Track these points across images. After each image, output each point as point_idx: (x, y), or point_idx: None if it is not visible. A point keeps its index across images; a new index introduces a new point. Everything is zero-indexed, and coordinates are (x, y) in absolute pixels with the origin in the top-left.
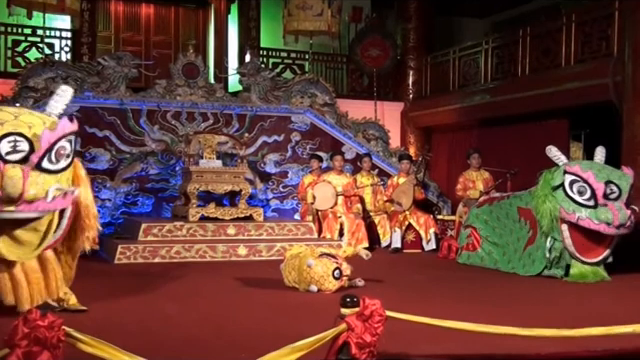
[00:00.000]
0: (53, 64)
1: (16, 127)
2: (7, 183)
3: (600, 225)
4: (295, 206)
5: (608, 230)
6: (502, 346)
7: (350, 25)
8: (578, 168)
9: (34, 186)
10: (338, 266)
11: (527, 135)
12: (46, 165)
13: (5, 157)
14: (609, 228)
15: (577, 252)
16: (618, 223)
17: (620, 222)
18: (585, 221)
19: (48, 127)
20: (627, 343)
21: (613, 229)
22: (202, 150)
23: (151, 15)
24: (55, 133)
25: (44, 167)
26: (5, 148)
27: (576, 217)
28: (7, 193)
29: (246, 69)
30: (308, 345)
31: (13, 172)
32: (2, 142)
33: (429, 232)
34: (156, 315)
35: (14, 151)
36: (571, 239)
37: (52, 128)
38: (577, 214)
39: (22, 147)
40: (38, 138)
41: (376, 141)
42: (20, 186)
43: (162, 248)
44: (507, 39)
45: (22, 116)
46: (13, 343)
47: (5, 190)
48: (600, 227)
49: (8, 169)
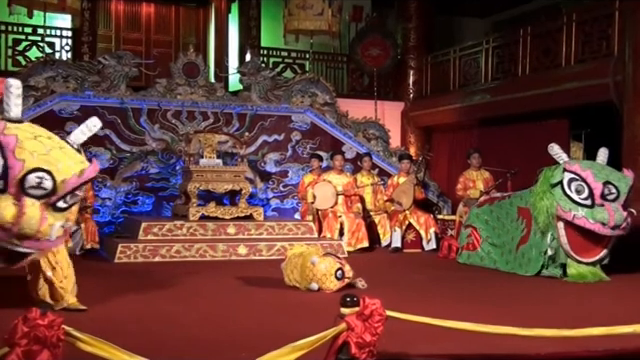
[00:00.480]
0: (54, 63)
1: (47, 164)
2: (25, 222)
3: (595, 225)
4: (295, 205)
5: (603, 230)
6: (502, 346)
7: (350, 24)
8: (577, 167)
9: (47, 229)
10: (341, 267)
11: (527, 135)
12: (60, 205)
13: (27, 190)
14: (604, 228)
15: (572, 251)
16: (613, 224)
17: (615, 223)
18: (581, 220)
19: (77, 174)
20: (627, 343)
21: (608, 230)
22: (202, 149)
23: (152, 14)
24: (80, 180)
25: (58, 206)
26: (31, 182)
27: (572, 215)
28: (22, 232)
29: (246, 68)
30: (308, 344)
31: (33, 212)
32: (30, 176)
33: (429, 232)
34: (156, 314)
35: (38, 187)
36: (567, 238)
37: (80, 175)
38: (573, 212)
39: (46, 185)
40: (64, 183)
41: (376, 141)
42: (37, 228)
43: (162, 247)
44: (507, 39)
45: (53, 152)
46: (13, 342)
47: (21, 228)
48: (595, 227)
49: (28, 206)
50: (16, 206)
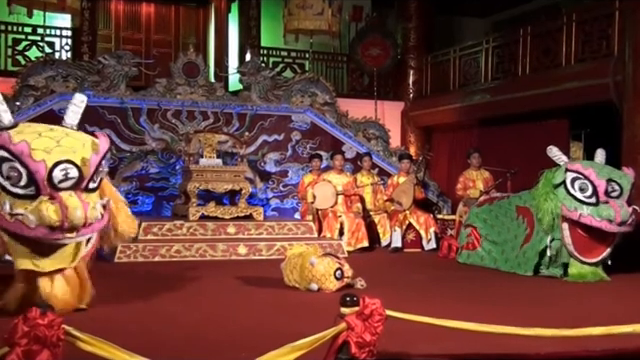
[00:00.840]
0: (53, 63)
1: (64, 154)
2: (71, 215)
3: (602, 222)
4: (295, 205)
5: (610, 227)
6: (502, 346)
7: (350, 24)
8: (579, 166)
9: (92, 211)
10: (340, 267)
11: (527, 135)
12: (91, 186)
13: (59, 185)
14: (611, 225)
15: (576, 251)
16: (620, 220)
17: (622, 219)
18: (587, 218)
19: (92, 150)
20: (627, 343)
21: (615, 226)
22: (202, 149)
23: (151, 14)
24: (99, 155)
25: (90, 188)
26: (59, 176)
27: (578, 214)
28: (74, 224)
29: (246, 68)
30: (308, 344)
31: (74, 202)
32: (55, 171)
33: (429, 231)
34: (156, 314)
35: (66, 179)
36: (571, 238)
37: (96, 150)
38: (579, 211)
39: (72, 174)
40: (86, 163)
41: (376, 140)
42: (83, 215)
43: (162, 247)
44: (507, 38)
45: (63, 140)
46: (13, 341)
47: (71, 221)
48: (602, 224)
49: (67, 199)
50: (56, 204)
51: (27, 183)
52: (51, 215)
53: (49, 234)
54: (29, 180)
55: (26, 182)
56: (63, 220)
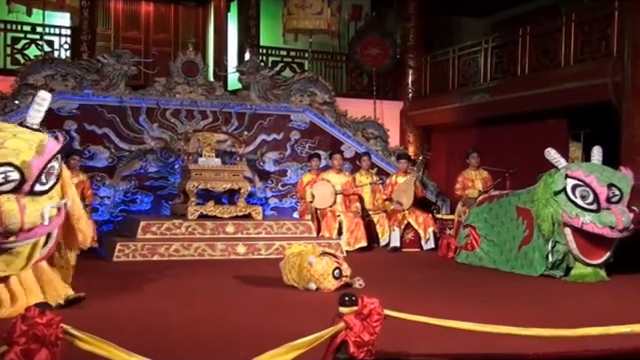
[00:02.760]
0: (52, 61)
1: (4, 157)
2: (6, 219)
3: (604, 229)
4: (294, 205)
5: (611, 234)
6: (501, 346)
7: (350, 24)
8: (581, 172)
9: (31, 216)
10: (338, 266)
11: (526, 135)
12: (38, 188)
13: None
14: (612, 232)
15: (582, 255)
16: (622, 227)
17: (624, 225)
18: (589, 225)
19: (36, 152)
20: (625, 343)
21: (617, 232)
22: (201, 148)
23: (151, 13)
24: (44, 157)
25: (36, 191)
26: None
27: (580, 222)
28: (7, 228)
29: (245, 67)
30: (306, 344)
31: (10, 206)
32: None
33: (428, 231)
34: (154, 313)
35: (5, 182)
36: (575, 243)
37: (40, 152)
38: (581, 219)
39: (13, 177)
40: (28, 166)
41: (375, 140)
42: (19, 219)
43: (161, 246)
44: (507, 38)
45: (7, 142)
46: (11, 340)
47: (6, 226)
48: (604, 231)
49: (4, 203)
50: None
51: None
52: None
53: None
54: None
55: None
56: None
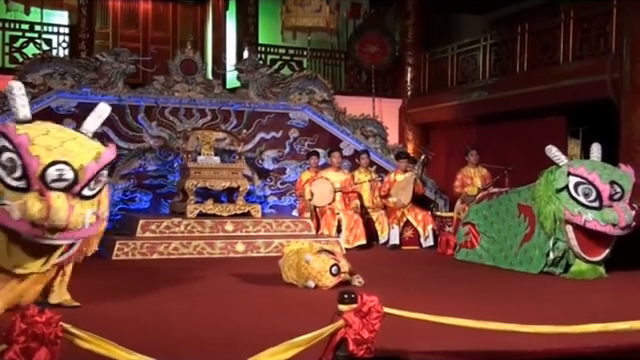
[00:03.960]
0: (51, 60)
1: (63, 155)
2: (53, 215)
3: (606, 227)
4: (293, 203)
5: (614, 231)
6: (500, 343)
7: (348, 21)
8: (583, 170)
9: (76, 217)
10: (336, 262)
11: (525, 132)
12: (86, 193)
13: (50, 184)
14: (615, 229)
15: (582, 252)
16: (624, 224)
17: (626, 223)
18: (592, 223)
19: (94, 158)
20: (624, 340)
21: (619, 230)
22: (200, 146)
23: (149, 11)
24: (98, 165)
25: (84, 194)
26: (52, 175)
27: (583, 220)
28: (53, 224)
29: (244, 65)
30: (306, 341)
31: (59, 203)
32: (50, 169)
33: (427, 228)
34: (154, 312)
35: (59, 179)
36: (576, 240)
37: (97, 159)
38: (583, 216)
39: (67, 176)
40: (84, 170)
41: (374, 138)
42: (66, 219)
43: (160, 244)
44: (505, 36)
45: (67, 143)
46: (11, 339)
47: (51, 222)
48: (606, 229)
49: (54, 199)
50: (42, 201)
51: (20, 175)
52: (34, 211)
53: (30, 230)
54: (22, 173)
55: (20, 174)
56: (45, 219)
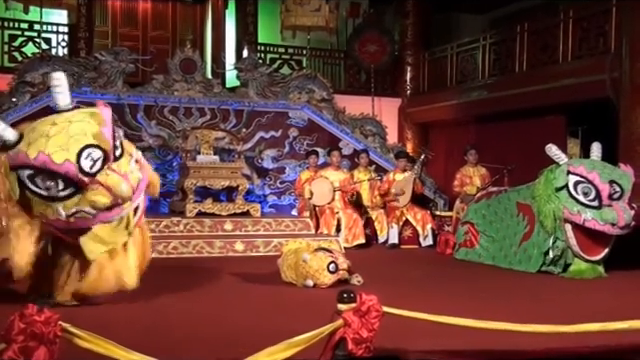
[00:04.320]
0: (50, 59)
1: (78, 142)
2: (118, 191)
3: (605, 226)
4: (292, 202)
5: (613, 231)
6: (499, 342)
7: (348, 21)
8: (583, 169)
9: (132, 175)
10: (333, 260)
11: (524, 131)
12: (117, 153)
13: (91, 171)
14: (613, 229)
15: (581, 251)
16: (624, 224)
17: (625, 222)
18: (591, 222)
19: (98, 124)
20: (623, 339)
21: (618, 229)
22: (199, 145)
23: (148, 10)
24: (108, 125)
25: (117, 156)
26: (87, 165)
27: (582, 219)
28: (124, 197)
29: (244, 65)
30: (305, 341)
31: (114, 180)
32: (81, 162)
33: (426, 228)
34: (153, 311)
35: (94, 162)
36: (575, 239)
37: (101, 122)
38: (582, 215)
39: (96, 155)
40: (103, 138)
41: (373, 137)
42: (129, 186)
43: (159, 244)
44: (505, 35)
45: (71, 128)
46: (9, 338)
47: (122, 196)
48: (605, 228)
49: (106, 179)
50: (100, 188)
51: (65, 185)
52: (101, 200)
53: (113, 214)
54: (65, 182)
55: (64, 185)
56: (114, 199)
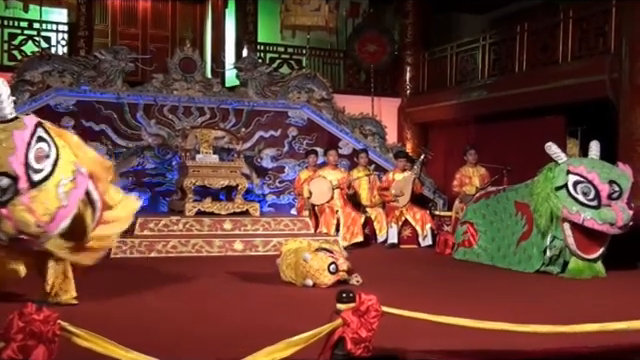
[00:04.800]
0: (49, 57)
1: None
2: (21, 225)
3: (604, 225)
4: (292, 201)
5: (611, 230)
6: (498, 342)
7: (347, 20)
8: (583, 169)
9: (40, 208)
10: (334, 260)
11: (524, 131)
12: (35, 178)
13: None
14: (612, 228)
15: (579, 250)
16: (622, 223)
17: (624, 222)
18: (590, 222)
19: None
20: (622, 339)
21: (616, 229)
22: (199, 145)
23: (148, 9)
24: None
25: (36, 180)
26: None
27: (581, 218)
28: (29, 231)
29: (243, 64)
30: (304, 340)
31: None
32: None
33: (425, 228)
34: (152, 310)
35: (3, 193)
36: (573, 238)
37: (10, 146)
38: (582, 215)
39: (3, 183)
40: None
41: (373, 137)
42: (32, 220)
43: (158, 243)
44: (504, 35)
45: None
46: (8, 337)
47: (26, 230)
48: (604, 227)
49: (11, 212)
50: (4, 221)
51: None
52: (8, 230)
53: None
54: None
55: None
56: (18, 233)
